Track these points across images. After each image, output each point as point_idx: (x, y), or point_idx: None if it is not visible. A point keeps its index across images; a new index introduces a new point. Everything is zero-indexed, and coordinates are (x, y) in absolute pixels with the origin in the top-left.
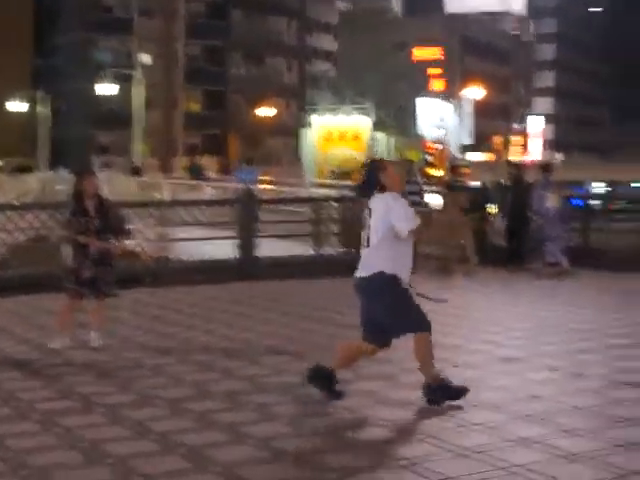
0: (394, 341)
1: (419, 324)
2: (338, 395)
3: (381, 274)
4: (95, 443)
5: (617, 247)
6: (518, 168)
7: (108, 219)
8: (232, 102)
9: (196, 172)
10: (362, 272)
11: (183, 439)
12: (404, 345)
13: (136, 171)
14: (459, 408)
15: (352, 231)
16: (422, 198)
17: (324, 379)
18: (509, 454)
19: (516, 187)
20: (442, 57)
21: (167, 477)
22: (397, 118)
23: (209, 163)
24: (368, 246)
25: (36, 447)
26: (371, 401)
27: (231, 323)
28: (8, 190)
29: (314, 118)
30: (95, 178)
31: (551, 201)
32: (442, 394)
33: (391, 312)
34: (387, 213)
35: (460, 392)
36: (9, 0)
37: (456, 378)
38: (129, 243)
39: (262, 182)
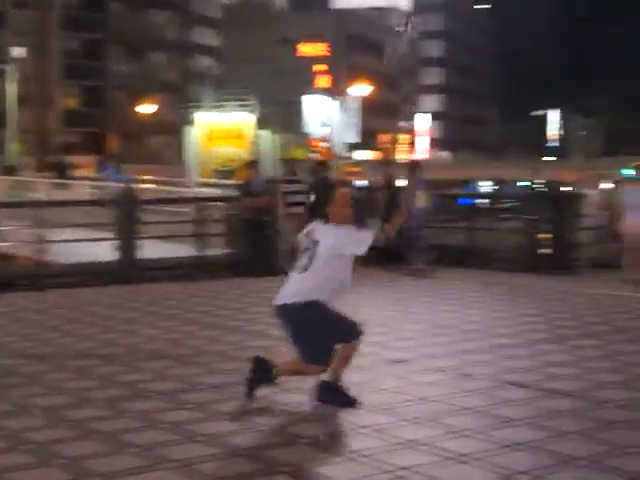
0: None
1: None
2: (353, 402)
3: (314, 302)
4: None
5: (503, 247)
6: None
7: None
8: (112, 99)
9: (62, 170)
10: (294, 297)
11: (61, 449)
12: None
13: (10, 170)
14: (345, 411)
15: (236, 231)
16: (309, 197)
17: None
18: (396, 457)
19: (389, 188)
20: (328, 53)
21: None
22: (282, 115)
23: (84, 162)
24: (305, 271)
25: None
26: (255, 410)
27: (112, 327)
28: None
29: (197, 115)
30: None
31: (420, 200)
32: (334, 397)
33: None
34: (335, 246)
35: (349, 403)
36: None
37: (343, 381)
38: (3, 245)
39: (144, 181)
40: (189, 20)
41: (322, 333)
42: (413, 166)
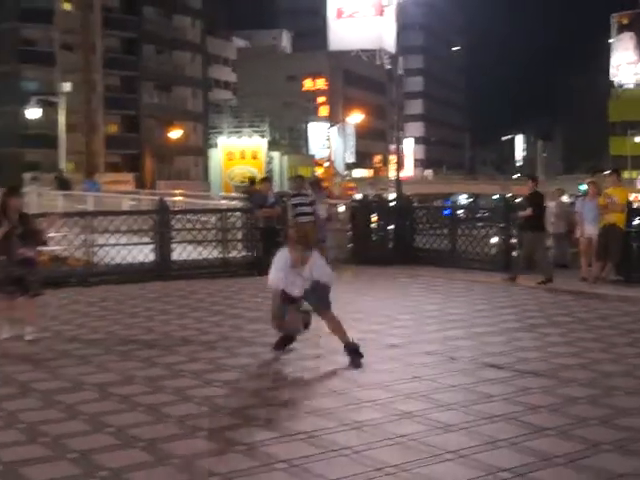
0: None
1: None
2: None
3: None
4: (32, 425)
5: (480, 250)
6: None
7: (28, 229)
8: (146, 125)
9: (62, 184)
10: None
11: (109, 420)
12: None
13: (64, 182)
14: (351, 388)
15: (253, 237)
16: (314, 210)
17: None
18: (395, 427)
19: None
20: (326, 87)
21: (96, 453)
22: (290, 139)
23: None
24: None
25: None
26: (274, 384)
27: (151, 317)
28: None
29: (220, 139)
30: (19, 199)
31: (321, 210)
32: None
33: None
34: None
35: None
36: None
37: (343, 362)
38: (57, 249)
39: (174, 195)
40: (208, 60)
41: None
42: (315, 184)
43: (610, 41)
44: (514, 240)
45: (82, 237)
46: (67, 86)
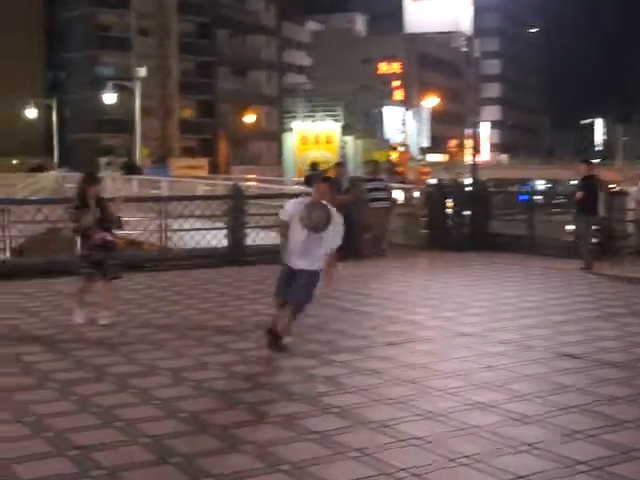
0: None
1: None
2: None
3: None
4: (107, 409)
5: (556, 237)
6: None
7: (106, 213)
8: (221, 110)
9: (130, 170)
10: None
11: (183, 405)
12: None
13: (133, 168)
14: (422, 377)
15: None
16: (389, 194)
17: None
18: (468, 417)
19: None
20: (401, 71)
21: (170, 438)
22: (364, 123)
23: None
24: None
25: (57, 412)
26: (346, 370)
27: (224, 303)
28: (25, 187)
29: (295, 124)
30: (97, 185)
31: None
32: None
33: None
34: None
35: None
36: (22, 19)
37: (417, 350)
38: (132, 233)
39: (248, 180)
40: (282, 44)
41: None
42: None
43: None
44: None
45: (157, 222)
46: (142, 71)
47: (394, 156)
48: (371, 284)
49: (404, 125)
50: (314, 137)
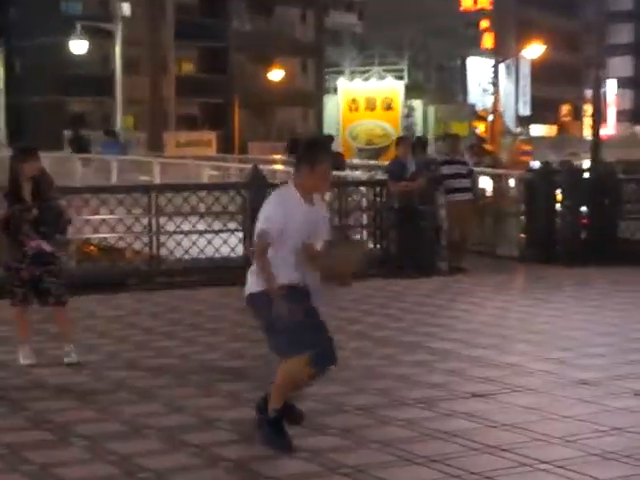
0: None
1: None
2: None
3: None
4: None
5: None
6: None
7: (49, 208)
8: (235, 63)
9: (79, 146)
10: None
11: (176, 479)
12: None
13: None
14: (521, 442)
15: (385, 222)
16: (474, 183)
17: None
18: None
19: None
20: (491, 7)
21: None
22: (439, 82)
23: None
24: None
25: None
26: (412, 433)
27: (240, 336)
28: None
29: (340, 82)
30: (33, 162)
31: None
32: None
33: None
34: None
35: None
36: None
37: (513, 404)
38: (109, 237)
39: (273, 162)
40: None
41: None
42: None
43: None
44: None
45: (144, 221)
46: (126, 7)
47: (481, 128)
48: (448, 311)
49: (495, 85)
50: (366, 101)
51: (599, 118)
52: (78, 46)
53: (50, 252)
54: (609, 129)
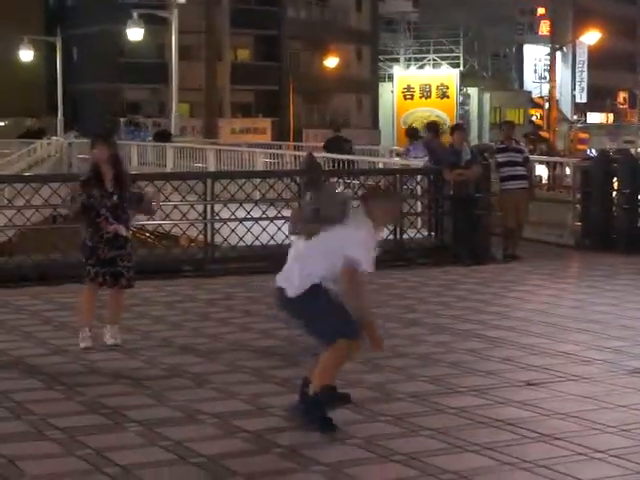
0: None
1: None
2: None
3: None
4: (128, 470)
5: None
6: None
7: (127, 193)
8: (289, 50)
9: (163, 136)
10: None
11: (233, 465)
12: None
13: (163, 135)
14: (576, 431)
15: (439, 210)
16: (530, 171)
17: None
18: None
19: None
20: None
21: None
22: (494, 69)
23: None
24: None
25: (58, 473)
26: (464, 421)
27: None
28: (17, 158)
29: (395, 70)
30: (107, 146)
31: None
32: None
33: None
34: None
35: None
36: None
37: (567, 393)
38: (164, 224)
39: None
40: None
41: None
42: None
43: None
44: None
45: (199, 208)
46: None
47: (537, 116)
48: (502, 299)
49: (551, 72)
50: (421, 88)
51: None
52: (134, 33)
53: (124, 236)
54: None
